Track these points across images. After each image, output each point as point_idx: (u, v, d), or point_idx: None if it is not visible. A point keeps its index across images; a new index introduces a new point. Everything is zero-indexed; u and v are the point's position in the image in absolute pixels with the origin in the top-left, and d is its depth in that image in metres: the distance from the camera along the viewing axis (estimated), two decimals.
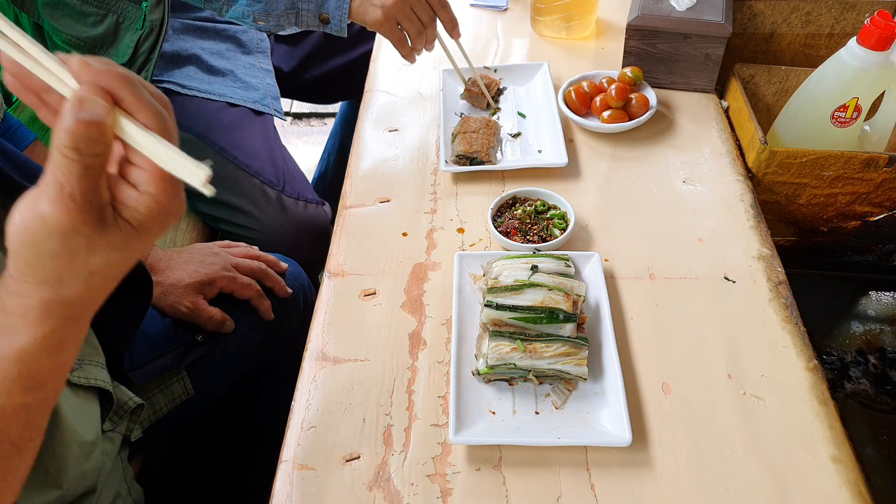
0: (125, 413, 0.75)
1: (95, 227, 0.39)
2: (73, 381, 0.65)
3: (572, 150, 1.02)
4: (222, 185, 1.18)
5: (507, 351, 0.72)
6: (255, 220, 1.18)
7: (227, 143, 1.18)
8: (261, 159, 1.20)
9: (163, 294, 0.88)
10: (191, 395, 0.92)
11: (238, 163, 1.18)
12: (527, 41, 1.26)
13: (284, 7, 0.96)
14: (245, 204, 1.18)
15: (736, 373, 0.74)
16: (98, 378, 0.69)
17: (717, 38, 1.02)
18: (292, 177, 1.24)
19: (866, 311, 0.97)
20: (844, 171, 0.91)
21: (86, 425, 0.66)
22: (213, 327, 0.90)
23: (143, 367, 0.84)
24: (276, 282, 0.97)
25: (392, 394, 0.74)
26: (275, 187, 1.20)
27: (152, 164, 0.41)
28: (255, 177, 1.18)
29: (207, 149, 1.17)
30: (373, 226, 0.93)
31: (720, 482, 0.65)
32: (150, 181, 0.41)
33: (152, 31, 1.12)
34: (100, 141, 0.39)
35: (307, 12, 0.97)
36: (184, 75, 1.19)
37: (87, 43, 1.12)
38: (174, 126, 0.43)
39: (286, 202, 1.20)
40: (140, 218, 0.41)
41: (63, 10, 1.11)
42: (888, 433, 0.83)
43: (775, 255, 0.85)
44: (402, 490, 0.67)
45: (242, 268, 0.93)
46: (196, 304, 0.88)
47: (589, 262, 0.83)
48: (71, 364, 0.48)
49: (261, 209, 1.18)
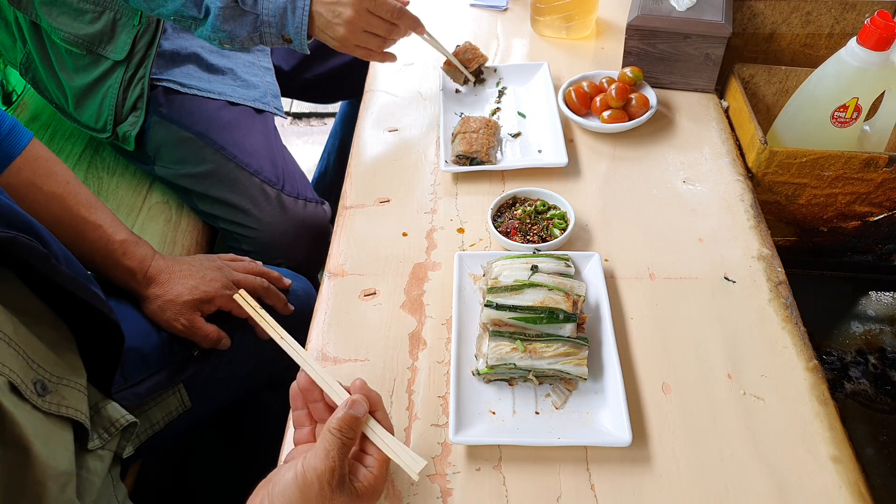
0: (116, 431, 0.74)
1: (338, 484, 0.56)
2: (43, 409, 0.63)
3: (572, 150, 1.02)
4: (221, 183, 1.18)
5: (507, 351, 0.72)
6: (254, 219, 1.18)
7: (227, 141, 1.18)
8: (260, 158, 1.20)
9: (159, 308, 0.87)
10: (188, 407, 0.90)
11: (238, 161, 1.18)
12: (527, 41, 1.26)
13: (248, 33, 0.98)
14: (244, 202, 1.18)
15: (736, 373, 0.74)
16: (72, 406, 0.67)
17: (717, 38, 1.02)
18: (292, 176, 1.24)
19: (866, 312, 0.97)
20: (844, 171, 0.91)
21: (61, 454, 0.64)
22: (209, 345, 0.89)
23: (134, 387, 0.82)
24: (278, 300, 0.95)
25: (392, 394, 0.74)
26: (274, 186, 1.20)
27: (380, 453, 0.61)
28: (255, 175, 1.18)
29: (207, 147, 1.17)
30: (373, 226, 0.93)
31: (720, 482, 0.65)
32: (377, 465, 0.61)
33: (149, 27, 1.11)
34: (355, 429, 0.59)
35: (269, 34, 0.99)
36: (183, 74, 1.19)
37: (85, 40, 1.12)
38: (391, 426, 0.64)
39: (286, 201, 1.20)
40: (363, 488, 0.59)
41: (60, 8, 1.11)
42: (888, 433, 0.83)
43: (775, 255, 0.85)
44: (402, 490, 0.67)
45: (243, 284, 0.91)
46: (192, 321, 0.86)
47: (589, 262, 0.83)
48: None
49: (260, 208, 1.18)
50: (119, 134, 1.18)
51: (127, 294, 0.88)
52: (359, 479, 0.59)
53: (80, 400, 0.69)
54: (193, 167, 1.18)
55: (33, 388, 0.62)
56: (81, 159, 1.28)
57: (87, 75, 1.15)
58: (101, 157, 1.29)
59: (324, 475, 0.55)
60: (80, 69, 1.16)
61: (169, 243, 1.18)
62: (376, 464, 0.61)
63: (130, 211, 1.21)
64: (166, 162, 1.19)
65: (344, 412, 0.58)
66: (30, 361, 0.63)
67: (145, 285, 0.87)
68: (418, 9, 1.35)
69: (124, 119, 1.17)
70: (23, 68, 1.25)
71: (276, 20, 0.97)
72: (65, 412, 0.66)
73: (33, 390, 0.62)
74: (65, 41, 1.13)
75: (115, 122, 1.17)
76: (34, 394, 0.62)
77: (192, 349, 0.89)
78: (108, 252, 0.86)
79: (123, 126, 1.17)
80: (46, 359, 0.65)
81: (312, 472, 0.55)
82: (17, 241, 0.62)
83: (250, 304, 0.81)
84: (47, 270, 0.66)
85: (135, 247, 0.88)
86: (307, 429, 0.65)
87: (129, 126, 1.17)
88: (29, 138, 0.84)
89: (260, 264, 0.98)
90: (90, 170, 1.26)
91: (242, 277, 0.92)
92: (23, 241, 0.63)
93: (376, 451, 0.61)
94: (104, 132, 1.18)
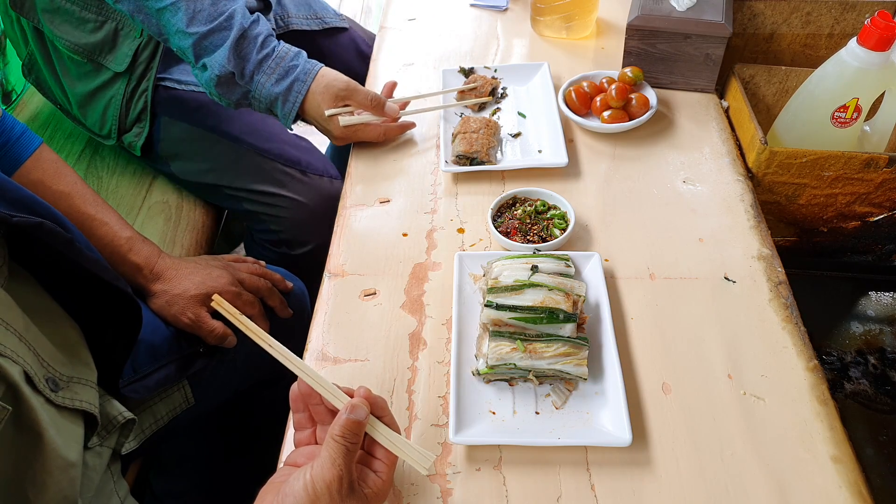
0: (114, 428, 0.74)
1: (348, 491, 0.57)
2: (57, 403, 0.65)
3: (572, 150, 1.02)
4: (244, 173, 1.19)
5: (508, 351, 0.72)
6: (283, 199, 1.19)
7: (241, 131, 1.18)
8: (278, 141, 1.20)
9: (167, 304, 0.87)
10: (191, 404, 0.91)
11: (256, 150, 1.18)
12: (527, 41, 1.26)
13: (237, 99, 1.01)
14: (270, 187, 1.18)
15: (736, 373, 0.74)
16: (84, 399, 0.68)
17: (718, 38, 1.02)
18: (311, 153, 1.24)
19: (866, 312, 0.97)
20: (844, 171, 0.91)
21: (70, 446, 0.65)
22: (214, 341, 0.89)
23: (144, 379, 0.83)
24: (279, 302, 0.97)
25: (392, 394, 0.74)
26: (296, 167, 1.20)
27: (387, 455, 0.61)
28: (275, 160, 1.19)
29: (223, 141, 1.17)
30: (373, 226, 0.93)
31: (720, 482, 0.65)
32: (385, 470, 0.61)
33: (151, 38, 1.11)
34: (358, 434, 0.58)
35: (258, 104, 1.02)
36: (182, 71, 1.19)
37: (86, 49, 1.12)
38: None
39: (311, 178, 1.21)
40: (372, 492, 0.59)
41: (62, 17, 1.11)
42: (888, 433, 0.83)
43: (775, 255, 0.85)
44: (402, 490, 0.67)
45: (248, 285, 0.92)
46: (199, 316, 0.87)
47: (589, 262, 0.83)
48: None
49: (287, 188, 1.19)
50: (125, 143, 1.18)
51: (134, 290, 0.89)
52: (368, 484, 0.60)
53: (91, 395, 0.70)
54: (213, 162, 1.18)
55: (45, 383, 0.64)
56: (81, 158, 1.28)
57: (90, 83, 1.15)
58: (101, 156, 1.29)
59: (332, 484, 0.56)
60: (83, 76, 1.16)
61: (168, 243, 1.18)
62: (384, 468, 0.61)
63: (130, 210, 1.21)
64: (183, 161, 1.20)
65: (346, 417, 0.58)
66: (41, 360, 0.64)
67: (152, 280, 0.88)
68: (419, 9, 1.36)
69: (129, 129, 1.17)
70: (26, 69, 1.25)
71: (265, 103, 1.01)
72: (78, 405, 0.67)
73: (45, 385, 0.64)
74: (67, 49, 1.13)
75: (119, 131, 1.17)
76: (46, 388, 0.64)
77: (199, 346, 0.90)
78: (114, 248, 0.87)
79: (128, 136, 1.18)
80: (55, 358, 0.67)
81: (322, 483, 0.56)
82: (43, 226, 0.64)
83: (231, 312, 0.80)
84: (73, 254, 0.68)
85: (141, 244, 0.89)
86: (308, 431, 0.65)
87: (134, 137, 1.17)
88: (39, 143, 0.86)
89: (263, 265, 0.99)
90: (90, 169, 1.26)
91: (247, 277, 0.93)
92: (49, 227, 0.65)
93: (383, 454, 0.62)
94: (109, 139, 1.19)
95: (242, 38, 0.96)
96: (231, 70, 0.96)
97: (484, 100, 1.10)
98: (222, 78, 0.97)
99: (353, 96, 1.00)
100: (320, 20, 1.37)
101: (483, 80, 1.11)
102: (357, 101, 1.00)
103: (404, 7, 1.37)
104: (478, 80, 1.11)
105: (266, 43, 0.98)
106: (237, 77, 0.97)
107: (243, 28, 0.96)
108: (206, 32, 0.95)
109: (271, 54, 0.98)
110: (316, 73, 0.99)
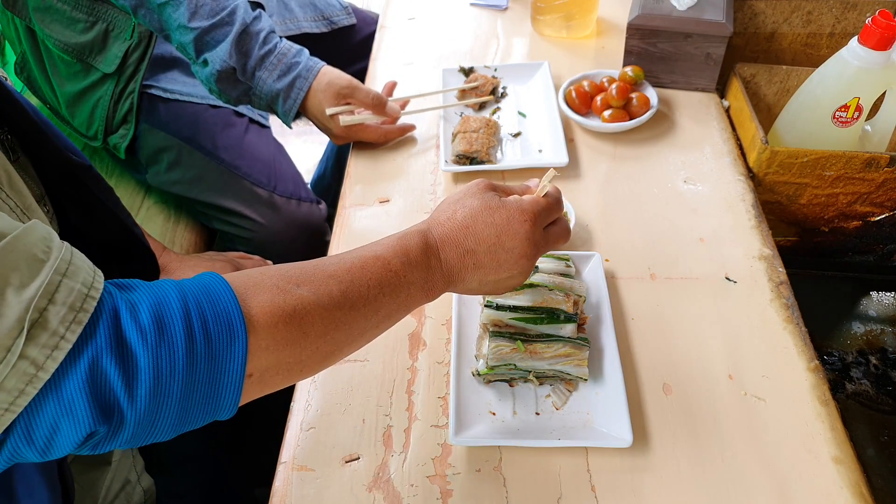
0: None
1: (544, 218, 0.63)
2: None
3: (573, 149, 1.02)
4: (212, 188, 1.18)
5: (508, 351, 0.71)
6: (248, 221, 1.19)
7: (214, 145, 1.18)
8: (250, 160, 1.20)
9: None
10: None
11: (226, 166, 1.18)
12: (527, 40, 1.26)
13: (238, 96, 1.02)
14: (237, 205, 1.18)
15: (737, 373, 0.74)
16: None
17: (718, 37, 1.02)
18: (284, 175, 1.23)
19: (867, 312, 0.96)
20: (845, 171, 0.91)
21: None
22: None
23: None
24: None
25: (392, 394, 0.74)
26: (265, 187, 1.20)
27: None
28: (245, 178, 1.18)
29: (196, 153, 1.17)
30: (373, 226, 0.93)
31: (721, 483, 0.65)
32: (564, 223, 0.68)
33: (141, 41, 1.11)
34: (561, 203, 0.66)
35: (259, 105, 1.02)
36: (168, 79, 1.19)
37: (76, 49, 1.12)
38: None
39: (278, 201, 1.20)
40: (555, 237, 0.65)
41: (53, 16, 1.10)
42: (889, 434, 0.83)
43: (776, 255, 0.85)
44: (401, 491, 0.66)
45: None
46: None
47: (589, 263, 0.83)
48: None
49: (253, 209, 1.19)
50: (110, 144, 1.18)
51: None
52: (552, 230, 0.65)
53: None
54: (183, 173, 1.18)
55: None
56: None
57: (78, 83, 1.15)
58: (101, 156, 1.28)
59: (540, 212, 0.61)
60: (72, 76, 1.15)
61: (168, 243, 1.18)
62: (564, 222, 0.67)
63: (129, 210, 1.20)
64: (158, 169, 1.19)
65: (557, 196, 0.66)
66: None
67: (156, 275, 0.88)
68: (418, 8, 1.36)
69: (115, 131, 1.17)
70: (18, 68, 1.25)
71: (266, 100, 1.00)
72: None
73: None
74: (58, 48, 1.13)
75: (105, 132, 1.17)
76: None
77: None
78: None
79: (114, 137, 1.17)
80: None
81: (532, 205, 0.61)
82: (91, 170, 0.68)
83: None
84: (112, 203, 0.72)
85: (145, 238, 0.89)
86: None
87: (120, 138, 1.17)
88: None
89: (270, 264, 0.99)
90: None
91: None
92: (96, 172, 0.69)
93: None
94: (95, 140, 1.18)
95: (245, 33, 0.96)
96: (232, 66, 0.96)
97: (484, 99, 1.10)
98: (223, 73, 0.97)
99: (355, 95, 1.00)
100: (328, 20, 1.37)
101: (483, 80, 1.11)
102: (358, 100, 1.00)
103: (404, 6, 1.37)
104: (478, 79, 1.11)
105: (268, 39, 0.97)
106: (238, 73, 0.97)
107: (245, 24, 0.96)
108: (208, 27, 0.95)
109: (273, 50, 0.97)
110: (318, 70, 0.99)
